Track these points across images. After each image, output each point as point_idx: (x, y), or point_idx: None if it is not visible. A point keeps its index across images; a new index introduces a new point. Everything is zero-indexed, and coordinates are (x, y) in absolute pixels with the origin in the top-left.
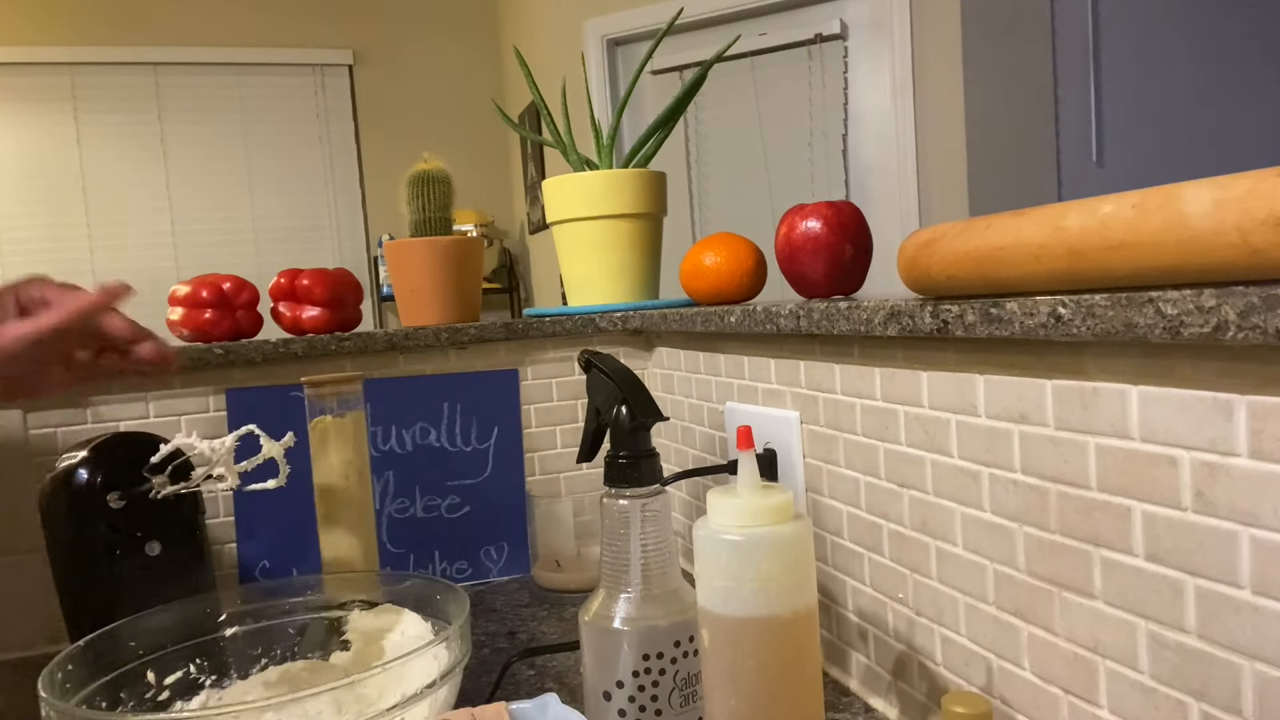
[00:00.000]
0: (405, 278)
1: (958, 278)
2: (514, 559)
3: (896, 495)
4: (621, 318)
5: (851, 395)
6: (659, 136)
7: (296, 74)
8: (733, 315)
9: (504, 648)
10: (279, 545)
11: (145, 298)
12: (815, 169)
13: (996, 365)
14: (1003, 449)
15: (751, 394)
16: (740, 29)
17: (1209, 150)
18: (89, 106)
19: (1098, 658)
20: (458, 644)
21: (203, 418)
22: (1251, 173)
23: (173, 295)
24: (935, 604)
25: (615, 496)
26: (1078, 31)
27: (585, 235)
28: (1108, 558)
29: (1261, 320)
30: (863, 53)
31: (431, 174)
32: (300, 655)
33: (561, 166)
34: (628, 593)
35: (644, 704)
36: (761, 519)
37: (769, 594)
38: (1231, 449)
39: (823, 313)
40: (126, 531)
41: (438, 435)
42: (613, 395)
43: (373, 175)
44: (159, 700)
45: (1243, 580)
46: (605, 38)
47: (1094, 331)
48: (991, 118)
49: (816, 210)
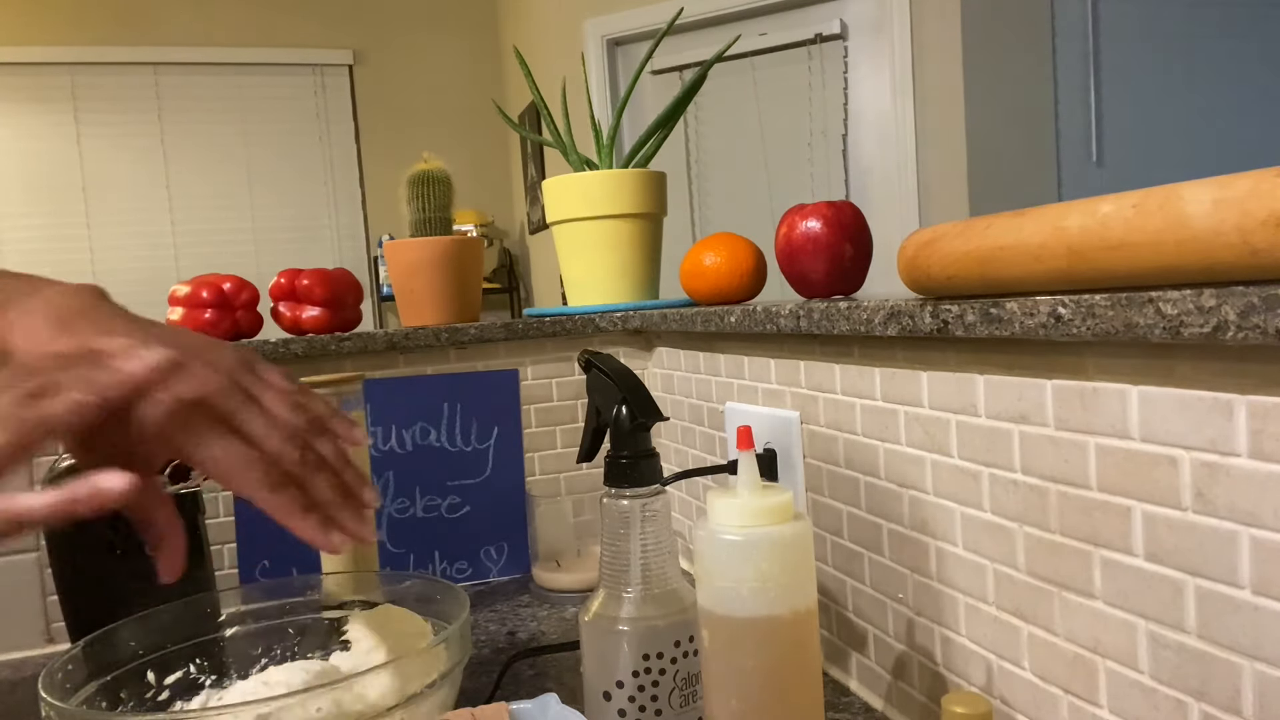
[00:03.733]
0: (405, 278)
1: (958, 278)
2: (514, 559)
3: (896, 495)
4: (621, 318)
5: (851, 395)
6: (659, 136)
7: (296, 74)
8: (733, 315)
9: (504, 648)
10: (279, 545)
11: (145, 298)
12: (815, 169)
13: (996, 365)
14: (1003, 449)
15: (751, 394)
16: (740, 29)
17: (1209, 150)
18: (89, 106)
19: (1098, 658)
20: (458, 644)
21: None
22: (1251, 173)
23: (172, 295)
24: (935, 604)
25: (615, 496)
26: (1078, 32)
27: (585, 235)
28: (1108, 558)
29: (1261, 320)
30: (863, 53)
31: (431, 174)
32: (300, 655)
33: (561, 166)
34: (628, 593)
35: (644, 704)
36: (761, 519)
37: (769, 594)
38: (1231, 449)
39: (823, 313)
40: (126, 531)
41: (438, 435)
42: (613, 395)
43: (373, 175)
44: (159, 700)
45: (1243, 580)
46: (605, 38)
47: (1094, 331)
48: (991, 118)
49: (816, 210)
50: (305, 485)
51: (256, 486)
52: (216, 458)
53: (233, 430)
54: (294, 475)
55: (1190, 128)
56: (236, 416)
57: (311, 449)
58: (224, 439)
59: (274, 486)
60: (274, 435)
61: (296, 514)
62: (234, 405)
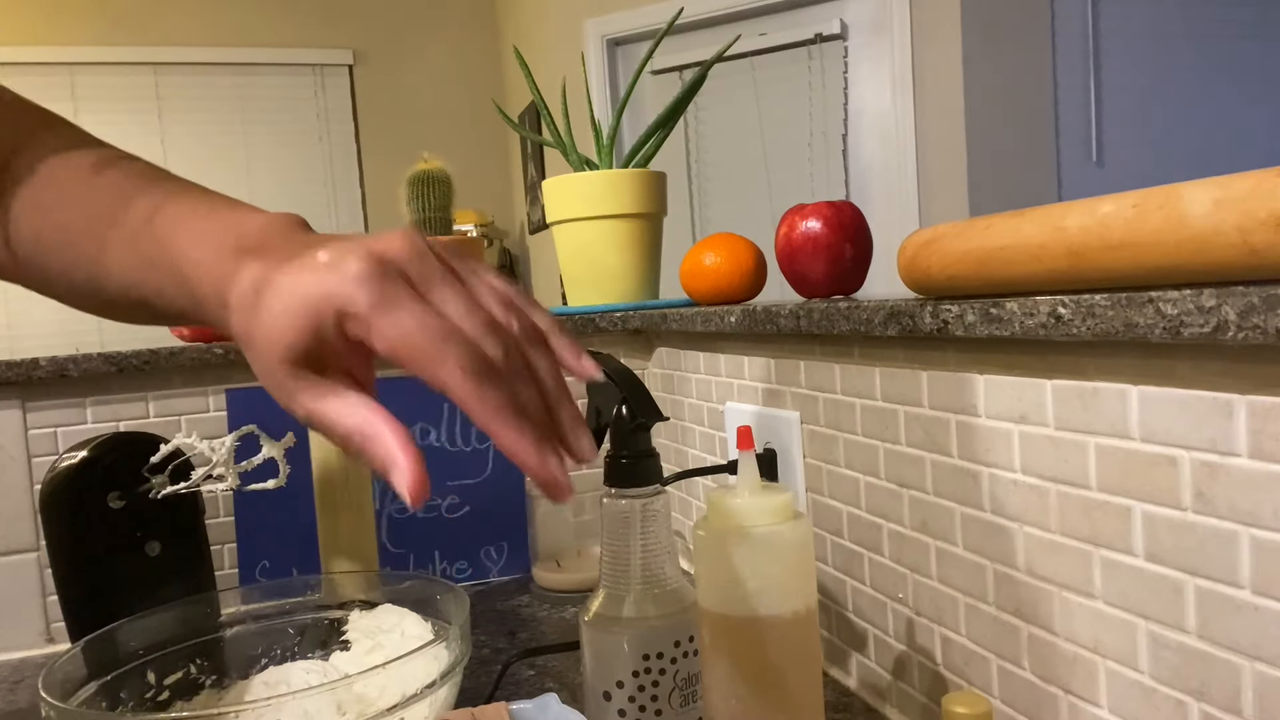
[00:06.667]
0: None
1: (958, 278)
2: (514, 559)
3: (896, 495)
4: (621, 318)
5: (851, 395)
6: (659, 136)
7: (296, 74)
8: (733, 315)
9: (504, 648)
10: (279, 545)
11: None
12: (815, 169)
13: (996, 365)
14: (1003, 449)
15: (751, 394)
16: (740, 29)
17: (1209, 150)
18: (89, 106)
19: (1098, 658)
20: (458, 644)
21: (203, 418)
22: (1252, 173)
23: None
24: (935, 604)
25: (615, 496)
26: (1078, 31)
27: (585, 235)
28: (1108, 558)
29: (1261, 320)
30: (863, 53)
31: (431, 174)
32: (300, 655)
33: (561, 166)
34: (628, 593)
35: (644, 704)
36: (761, 519)
37: (769, 594)
38: (1231, 449)
39: (823, 313)
40: (126, 531)
41: (438, 435)
42: (613, 395)
43: (373, 175)
44: (159, 700)
45: (1243, 580)
46: (605, 38)
47: (1094, 331)
48: (991, 118)
49: (816, 210)
50: (514, 390)
51: (453, 367)
52: (406, 329)
53: (427, 301)
54: (500, 371)
55: (1190, 128)
56: (434, 289)
57: (523, 355)
58: (417, 305)
59: (477, 372)
60: (477, 318)
61: (506, 416)
62: (431, 273)
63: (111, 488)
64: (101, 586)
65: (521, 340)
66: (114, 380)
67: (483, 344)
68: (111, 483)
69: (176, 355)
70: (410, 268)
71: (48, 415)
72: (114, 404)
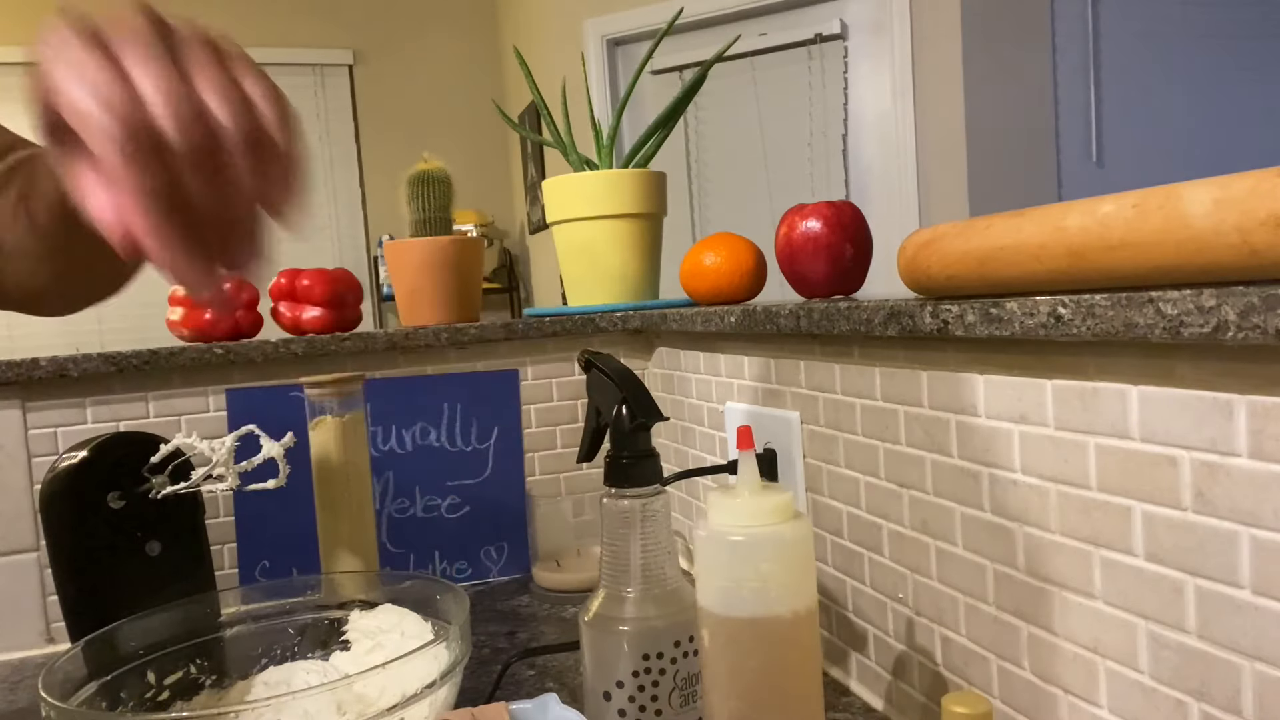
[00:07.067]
0: (405, 278)
1: (958, 278)
2: (514, 559)
3: (896, 495)
4: (621, 318)
5: (851, 395)
6: (659, 136)
7: (296, 74)
8: (733, 315)
9: (504, 648)
10: (279, 545)
11: (145, 297)
12: (815, 169)
13: (996, 365)
14: (1003, 449)
15: (751, 394)
16: (740, 29)
17: (1209, 150)
18: None
19: (1098, 658)
20: (458, 644)
21: (203, 418)
22: (1252, 173)
23: (173, 295)
24: (935, 604)
25: (615, 496)
26: (1078, 32)
27: (585, 235)
28: (1108, 558)
29: (1261, 320)
30: (863, 53)
31: (431, 174)
32: (300, 655)
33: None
34: (628, 593)
35: (644, 704)
36: (761, 519)
37: (769, 594)
38: (1231, 449)
39: (823, 313)
40: (126, 531)
41: (438, 435)
42: (613, 395)
43: (373, 175)
44: (159, 700)
45: (1243, 580)
46: (605, 38)
47: (1094, 331)
48: (991, 118)
49: (816, 210)
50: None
51: (104, 139)
52: (74, 95)
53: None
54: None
55: (1190, 128)
56: (137, 63)
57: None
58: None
59: (132, 153)
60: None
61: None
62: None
63: (111, 488)
64: (101, 586)
65: (230, 142)
66: (114, 380)
67: (163, 125)
68: (111, 483)
69: (176, 355)
70: (123, 39)
71: (48, 415)
72: (114, 404)
